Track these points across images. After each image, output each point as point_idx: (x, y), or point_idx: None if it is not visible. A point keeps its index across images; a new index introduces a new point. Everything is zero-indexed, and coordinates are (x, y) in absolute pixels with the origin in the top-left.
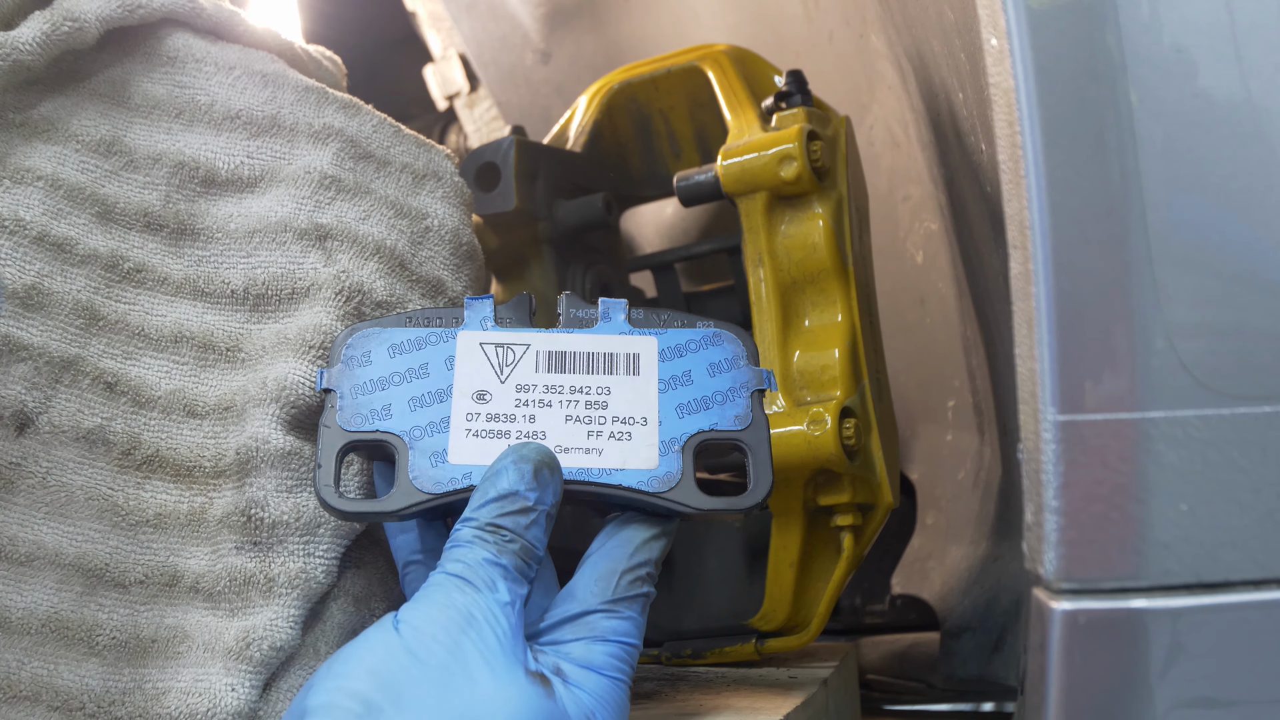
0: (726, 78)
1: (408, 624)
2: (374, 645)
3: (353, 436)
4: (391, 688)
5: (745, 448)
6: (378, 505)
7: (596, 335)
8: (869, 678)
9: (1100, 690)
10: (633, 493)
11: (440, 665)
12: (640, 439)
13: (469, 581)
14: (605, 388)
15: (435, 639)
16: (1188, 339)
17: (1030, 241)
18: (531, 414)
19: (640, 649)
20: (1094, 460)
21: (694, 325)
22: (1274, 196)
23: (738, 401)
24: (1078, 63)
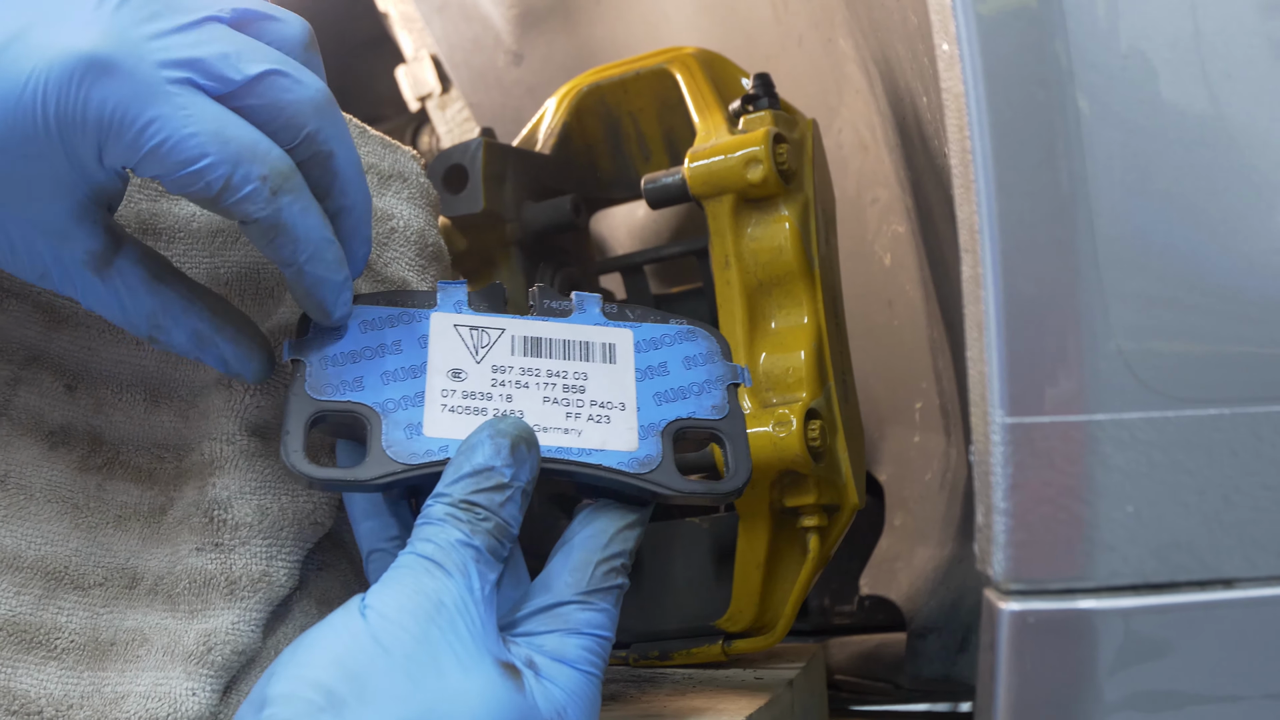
0: (694, 80)
1: (375, 610)
2: (339, 632)
3: (322, 406)
4: (356, 678)
5: (723, 436)
6: (350, 474)
7: (572, 324)
8: (837, 678)
9: (1049, 690)
10: (612, 473)
11: (407, 655)
12: (619, 422)
13: (440, 565)
14: (582, 373)
15: (403, 627)
16: (1134, 342)
17: (980, 245)
18: (508, 394)
19: (613, 641)
20: (1042, 462)
21: (668, 321)
22: (1220, 201)
23: (714, 393)
24: (1027, 69)
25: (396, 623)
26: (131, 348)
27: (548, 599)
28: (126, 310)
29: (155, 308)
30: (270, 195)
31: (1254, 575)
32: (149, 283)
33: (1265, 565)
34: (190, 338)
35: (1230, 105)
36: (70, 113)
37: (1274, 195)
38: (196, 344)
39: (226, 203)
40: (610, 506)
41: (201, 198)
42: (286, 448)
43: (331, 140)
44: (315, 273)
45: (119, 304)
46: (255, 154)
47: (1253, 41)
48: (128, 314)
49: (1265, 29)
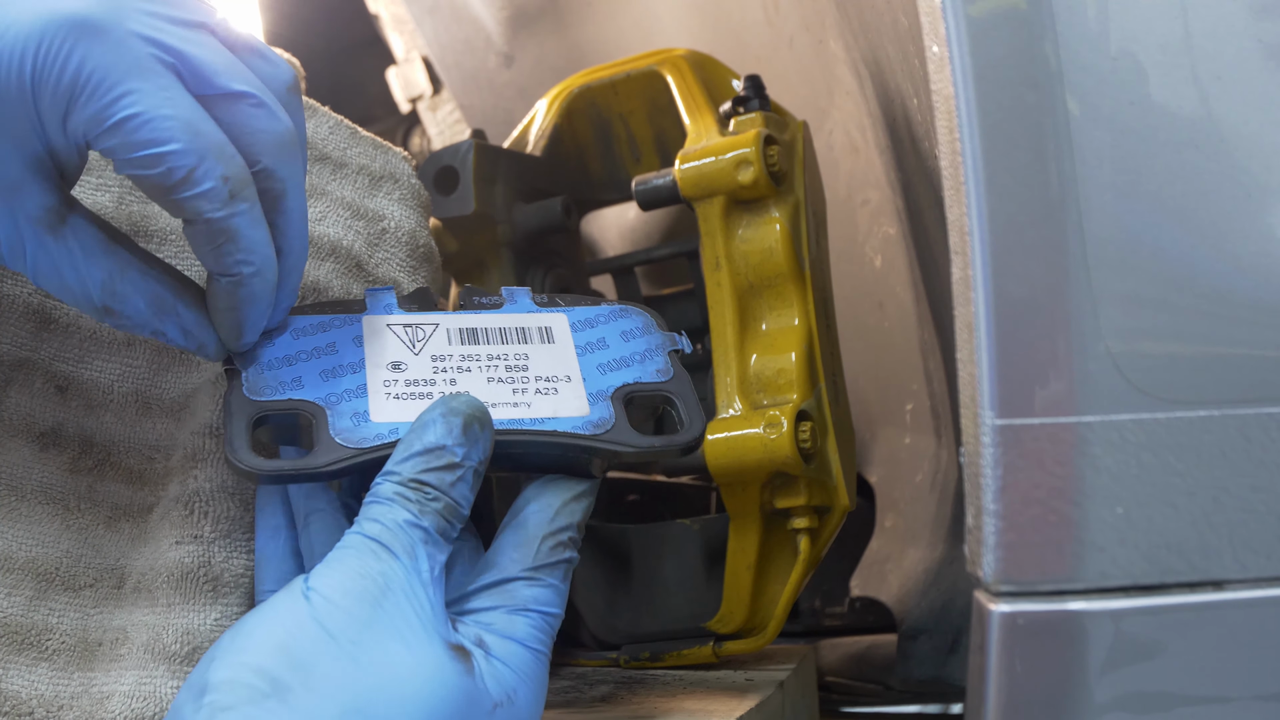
0: (685, 82)
1: (319, 593)
2: (283, 616)
3: (263, 406)
4: (300, 664)
5: (672, 395)
6: (302, 463)
7: (505, 314)
8: (828, 680)
9: (1039, 691)
10: (569, 437)
11: (352, 640)
12: (567, 392)
13: (386, 547)
14: (523, 354)
15: (348, 611)
16: (1124, 344)
17: (970, 247)
18: (451, 378)
19: (561, 618)
20: (1032, 464)
21: (598, 304)
22: (1210, 203)
23: (656, 359)
24: (1017, 71)
25: (341, 606)
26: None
27: (495, 576)
28: (80, 274)
29: (111, 271)
30: (228, 198)
31: (1244, 577)
32: (104, 244)
33: (1255, 567)
34: (150, 303)
35: (1220, 107)
36: (47, 68)
37: (1264, 197)
38: (156, 311)
39: (181, 194)
40: (557, 480)
41: (155, 184)
42: (232, 447)
43: (287, 181)
44: (251, 289)
45: (72, 267)
46: (222, 153)
47: (1243, 44)
48: (82, 278)
49: (1255, 31)
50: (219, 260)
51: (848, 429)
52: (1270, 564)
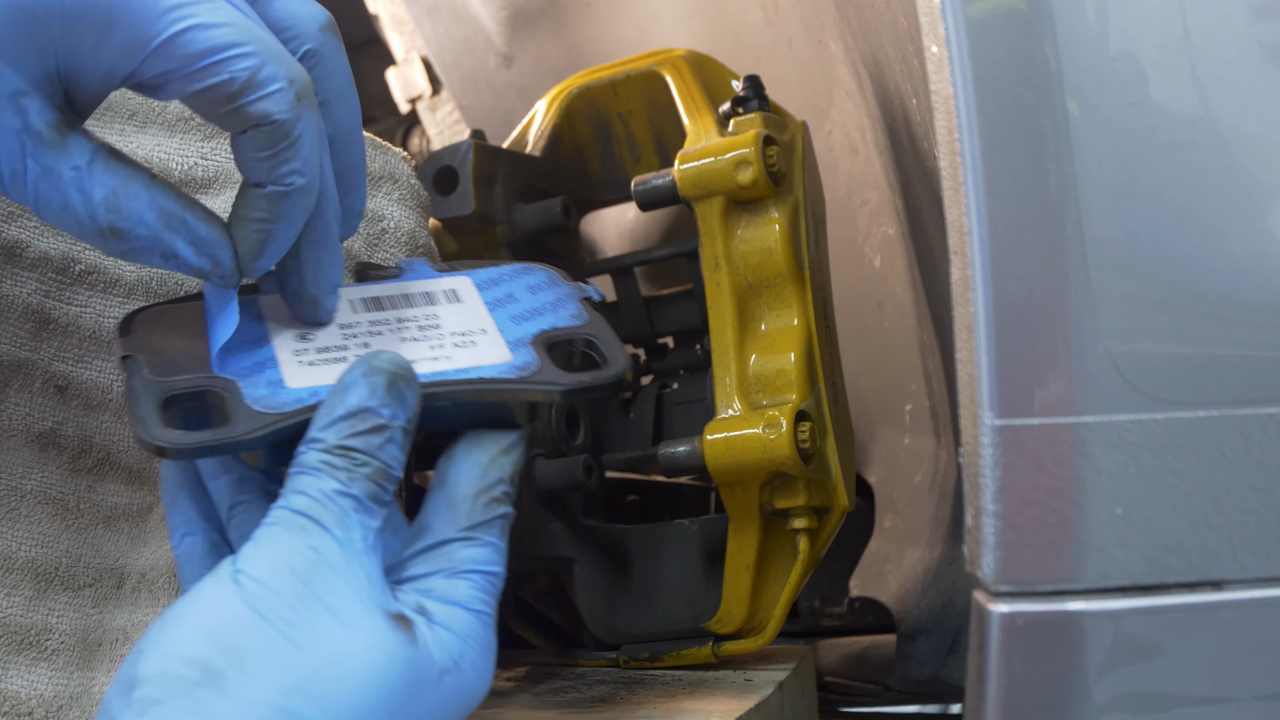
0: (684, 82)
1: (248, 575)
2: (210, 602)
3: (171, 386)
4: (233, 650)
5: (591, 337)
6: (222, 434)
7: (406, 281)
8: (827, 680)
9: (1038, 692)
10: (496, 383)
11: (286, 620)
12: (486, 343)
13: (315, 520)
14: (432, 314)
15: (279, 591)
16: (1123, 345)
17: (969, 247)
18: (364, 342)
19: (503, 577)
20: (1031, 464)
21: (499, 264)
22: (1209, 204)
23: (568, 306)
24: (1016, 71)
25: (272, 587)
26: None
27: (430, 539)
28: (84, 190)
29: (115, 186)
30: (295, 100)
31: (1243, 577)
32: (107, 160)
33: (1254, 567)
34: (158, 216)
35: (1220, 108)
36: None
37: (1263, 198)
38: (165, 224)
39: (248, 98)
40: (483, 435)
41: (217, 95)
42: (143, 424)
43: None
44: (294, 204)
45: (76, 184)
46: (283, 57)
47: (1242, 44)
48: (85, 195)
49: (1255, 32)
50: (273, 168)
51: (847, 429)
52: (1269, 564)
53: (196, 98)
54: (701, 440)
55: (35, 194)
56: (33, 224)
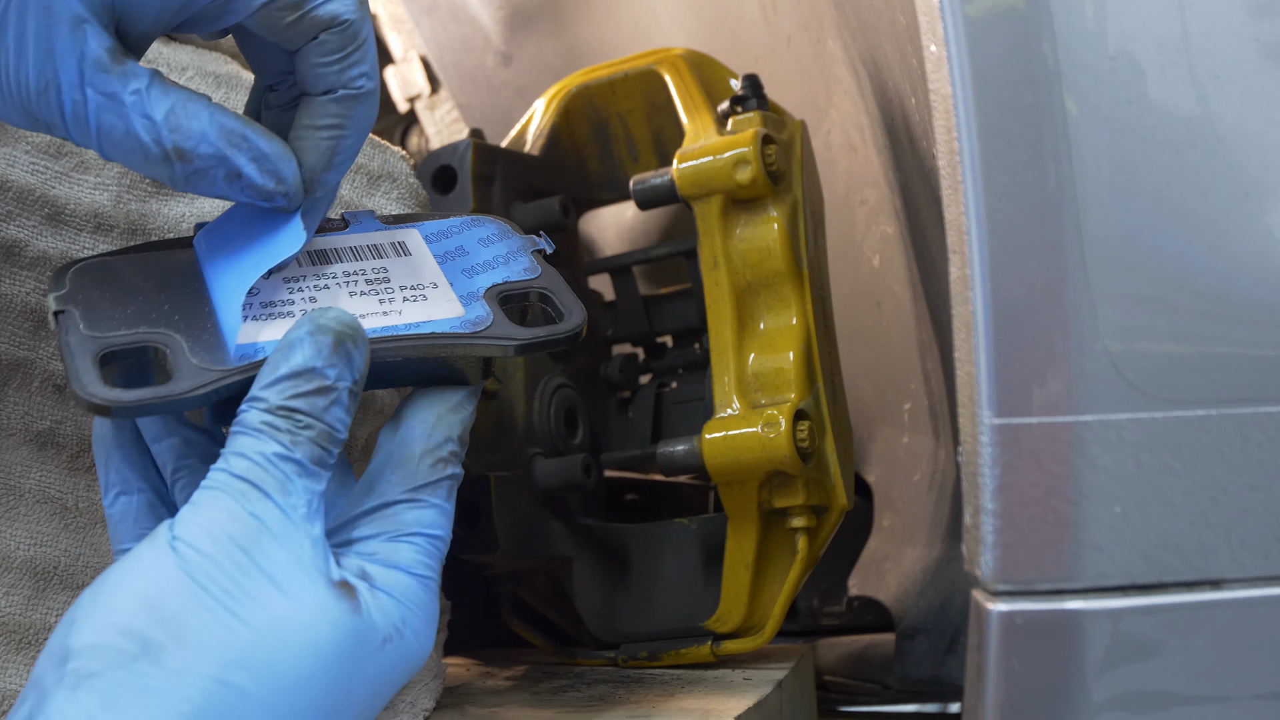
0: (683, 81)
1: (185, 542)
2: (147, 570)
3: (108, 341)
4: (171, 620)
5: (545, 291)
6: (163, 391)
7: (352, 234)
8: (825, 679)
9: (1037, 690)
10: (450, 338)
11: (225, 589)
12: (436, 297)
13: (256, 485)
14: (381, 268)
15: (218, 559)
16: (1122, 343)
17: (968, 246)
18: (310, 296)
19: (448, 540)
20: (1029, 463)
21: (448, 216)
22: (1208, 203)
23: (521, 259)
24: (1014, 70)
25: (210, 555)
26: None
27: (374, 500)
28: (146, 111)
29: (174, 104)
30: (359, 3)
31: (1241, 576)
32: (163, 83)
33: (1253, 566)
34: (220, 132)
35: (1218, 107)
36: None
37: (1261, 196)
38: (227, 140)
39: (316, 1)
40: (431, 393)
41: (286, 3)
42: (80, 381)
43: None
44: (365, 108)
45: (138, 106)
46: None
47: (1241, 43)
48: (148, 117)
49: (1253, 30)
50: (343, 71)
51: (846, 428)
52: (1268, 563)
53: (264, 10)
54: (700, 439)
55: (97, 124)
56: (31, 223)
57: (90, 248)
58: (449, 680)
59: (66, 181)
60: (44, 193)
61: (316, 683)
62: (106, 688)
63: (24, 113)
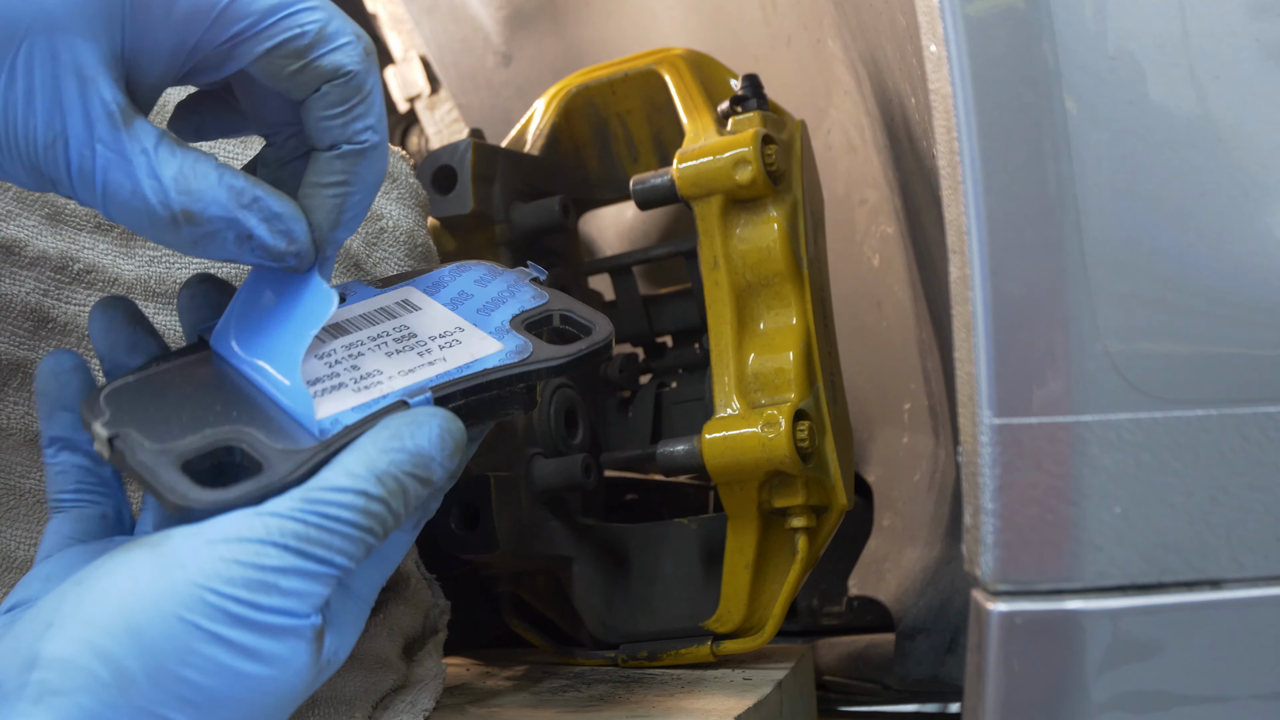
0: (683, 81)
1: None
2: (141, 591)
3: (182, 450)
4: (151, 654)
5: (564, 312)
6: (264, 480)
7: (354, 304)
8: (825, 679)
9: (1037, 690)
10: (501, 370)
11: (220, 640)
12: (469, 339)
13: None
14: (402, 326)
15: (221, 608)
16: (1122, 343)
17: (967, 246)
18: (353, 364)
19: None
20: (1029, 463)
21: (431, 269)
22: (1208, 203)
23: (522, 289)
24: (1014, 70)
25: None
26: None
27: None
28: (153, 170)
29: (184, 166)
30: (365, 54)
31: (1241, 576)
32: (172, 144)
33: (1253, 566)
34: (229, 195)
35: (1218, 106)
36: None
37: (1262, 197)
38: (237, 201)
39: (318, 52)
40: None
41: (288, 51)
42: (176, 491)
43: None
44: (370, 164)
45: (146, 166)
46: (345, 14)
47: (1241, 43)
48: (155, 176)
49: (1253, 30)
50: (347, 125)
51: (845, 428)
52: (1268, 563)
53: (267, 58)
54: (700, 439)
55: (104, 183)
56: (31, 223)
57: (90, 247)
58: (449, 680)
59: None
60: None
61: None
62: (68, 711)
63: (30, 169)
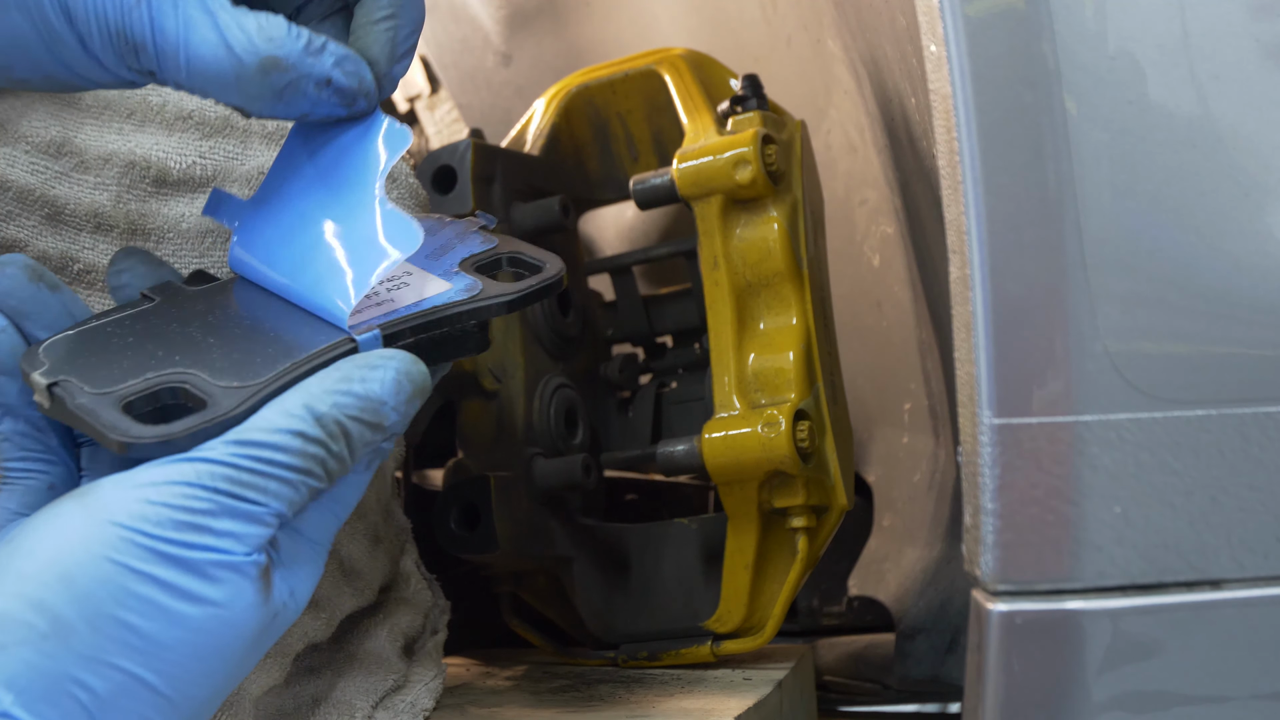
0: (683, 81)
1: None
2: (72, 541)
3: (122, 393)
4: (87, 600)
5: (513, 254)
6: (209, 414)
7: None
8: (825, 679)
9: (1037, 690)
10: (452, 306)
11: (157, 581)
12: (418, 281)
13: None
14: None
15: (155, 550)
16: (1122, 344)
17: (968, 246)
18: None
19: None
20: (1029, 463)
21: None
22: (1208, 203)
23: (471, 236)
24: (1014, 70)
25: (147, 543)
26: None
27: None
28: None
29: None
30: None
31: (1241, 576)
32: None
33: (1253, 566)
34: (305, 43)
35: (1218, 107)
36: None
37: (1261, 197)
38: (308, 48)
39: None
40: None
41: None
42: (116, 429)
43: None
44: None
45: (227, 17)
46: None
47: (1241, 43)
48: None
49: (1253, 31)
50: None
51: (845, 428)
52: (1268, 563)
53: None
54: (700, 439)
55: (186, 41)
56: (31, 223)
57: (90, 247)
58: (449, 680)
59: (66, 181)
60: (44, 193)
61: (219, 677)
62: (9, 665)
63: (112, 38)
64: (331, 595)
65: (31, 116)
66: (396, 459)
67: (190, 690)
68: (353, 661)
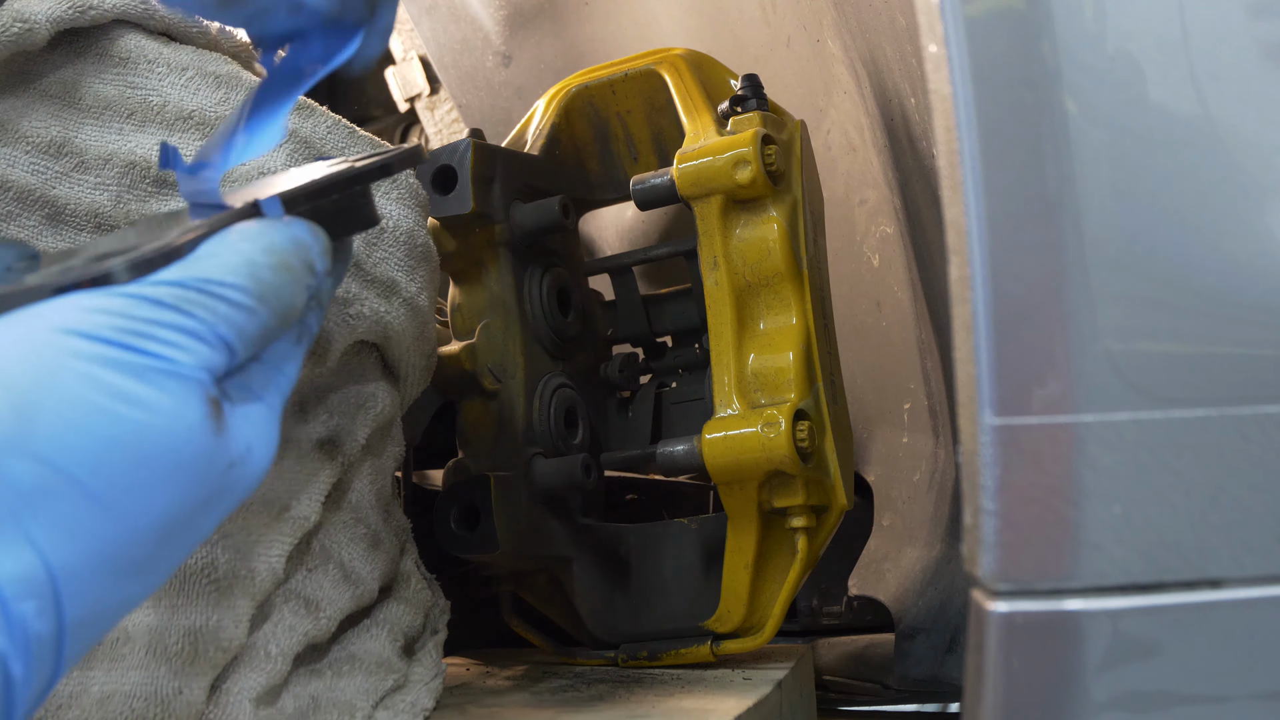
0: (683, 82)
1: (78, 334)
2: (21, 347)
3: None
4: (21, 396)
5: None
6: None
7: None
8: (825, 679)
9: (1036, 690)
10: (337, 175)
11: (98, 382)
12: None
13: (173, 307)
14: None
15: (101, 352)
16: (1121, 343)
17: (968, 246)
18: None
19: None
20: (1029, 463)
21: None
22: (1207, 203)
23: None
24: (1014, 70)
25: (92, 345)
26: None
27: None
28: None
29: None
30: None
31: (1241, 576)
32: None
33: (1252, 566)
34: None
35: (1217, 107)
36: None
37: (1261, 197)
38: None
39: None
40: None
41: None
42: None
43: None
44: None
45: None
46: None
47: (1240, 43)
48: None
49: (1252, 30)
50: None
51: (845, 428)
52: (1268, 563)
53: None
54: (700, 439)
55: None
56: (31, 223)
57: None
58: (449, 680)
59: (66, 181)
60: (44, 193)
61: (160, 496)
62: None
63: None
64: (331, 595)
65: (32, 116)
66: (396, 459)
67: (126, 502)
68: (353, 661)
